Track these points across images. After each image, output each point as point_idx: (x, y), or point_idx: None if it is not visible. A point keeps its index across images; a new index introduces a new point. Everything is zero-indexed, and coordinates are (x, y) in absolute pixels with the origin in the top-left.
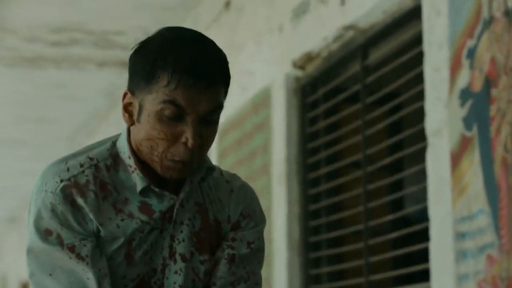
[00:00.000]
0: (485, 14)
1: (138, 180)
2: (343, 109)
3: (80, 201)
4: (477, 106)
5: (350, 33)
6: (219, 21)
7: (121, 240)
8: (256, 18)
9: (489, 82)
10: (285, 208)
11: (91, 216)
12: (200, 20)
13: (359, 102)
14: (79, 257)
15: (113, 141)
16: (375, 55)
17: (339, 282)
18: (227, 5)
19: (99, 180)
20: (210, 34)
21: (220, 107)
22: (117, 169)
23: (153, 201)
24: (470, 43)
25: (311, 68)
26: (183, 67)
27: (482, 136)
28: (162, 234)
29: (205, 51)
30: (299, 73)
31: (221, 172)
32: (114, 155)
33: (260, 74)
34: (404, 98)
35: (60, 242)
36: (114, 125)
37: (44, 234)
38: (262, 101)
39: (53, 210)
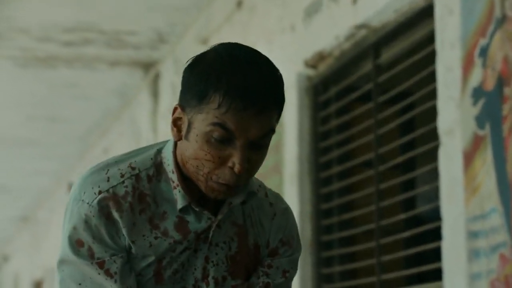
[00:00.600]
0: (497, 13)
1: (179, 197)
2: (355, 108)
3: (116, 215)
4: (490, 105)
5: (362, 32)
6: (231, 20)
7: (152, 258)
8: (268, 17)
9: (501, 81)
10: (297, 207)
11: (124, 232)
12: (212, 20)
13: (371, 101)
14: (107, 273)
15: (158, 149)
16: (387, 54)
17: (351, 281)
18: (239, 4)
19: (138, 192)
20: (222, 34)
21: (271, 131)
22: (159, 179)
23: (191, 219)
24: (482, 42)
25: (323, 67)
26: (236, 90)
27: (495, 135)
28: (195, 254)
29: (260, 73)
30: (311, 72)
31: (266, 193)
32: (157, 165)
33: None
34: (416, 97)
35: (91, 255)
36: (126, 125)
37: (76, 245)
38: None
39: (87, 222)
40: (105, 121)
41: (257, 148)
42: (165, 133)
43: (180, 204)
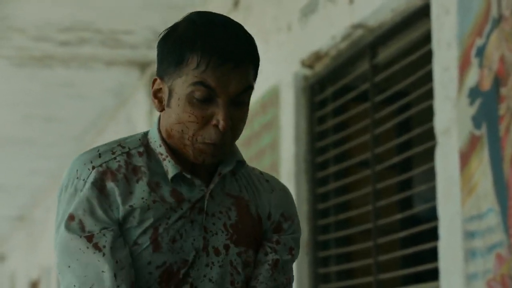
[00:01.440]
0: (494, 12)
1: (169, 167)
2: (351, 108)
3: (111, 185)
4: (486, 105)
5: (359, 32)
6: None
7: (148, 222)
8: (264, 17)
9: (498, 81)
10: None
11: (119, 200)
12: None
13: (368, 101)
14: (96, 247)
15: (145, 132)
16: (383, 54)
17: (347, 281)
18: (236, 4)
19: (131, 166)
20: None
21: (250, 87)
22: (149, 158)
23: (184, 190)
24: (479, 41)
25: (320, 67)
26: (212, 48)
27: (491, 135)
28: (192, 225)
29: (234, 33)
30: (307, 72)
31: (260, 172)
32: (145, 145)
33: (269, 73)
34: (413, 97)
35: (81, 228)
36: (123, 124)
37: (68, 219)
38: (270, 100)
39: (80, 197)
40: (101, 121)
41: (239, 105)
42: None
43: (171, 172)
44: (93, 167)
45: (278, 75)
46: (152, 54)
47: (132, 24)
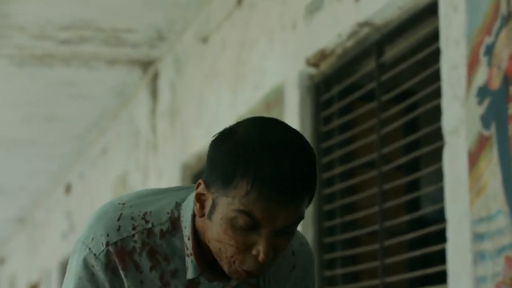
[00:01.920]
0: (503, 10)
1: (190, 267)
2: (357, 108)
3: (121, 273)
4: (495, 104)
5: (365, 30)
6: (231, 18)
7: None
8: (268, 15)
9: (507, 80)
10: None
11: None
12: (212, 17)
13: (374, 100)
14: None
15: (177, 202)
16: (390, 52)
17: (354, 283)
18: (240, 2)
19: (148, 248)
20: (223, 32)
21: (300, 219)
22: (174, 234)
23: (201, 281)
24: (488, 40)
25: (325, 65)
26: (264, 179)
27: (501, 134)
28: None
29: (291, 160)
30: (312, 70)
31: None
32: (174, 219)
33: (273, 72)
34: (420, 96)
35: None
36: (125, 124)
37: None
38: (274, 99)
39: (93, 274)
40: (103, 121)
41: (284, 234)
42: (164, 133)
43: (190, 274)
44: (107, 243)
45: (283, 74)
46: (155, 52)
47: (134, 23)
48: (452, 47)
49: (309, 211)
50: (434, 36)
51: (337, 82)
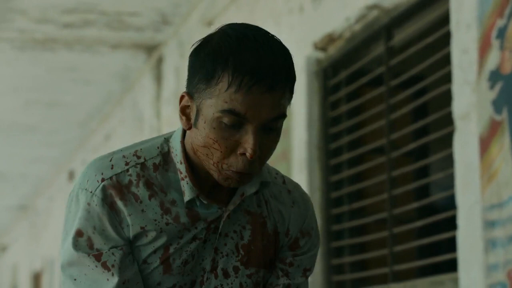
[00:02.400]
0: None
1: (187, 190)
2: (366, 93)
3: (119, 203)
4: (507, 88)
5: (374, 13)
6: (237, 1)
7: (159, 243)
8: None
9: None
10: None
11: (129, 220)
12: (218, 1)
13: (383, 85)
14: (104, 266)
15: (165, 138)
16: (400, 36)
17: (362, 272)
18: None
19: (144, 180)
20: (228, 15)
21: (283, 115)
22: (166, 168)
23: (200, 209)
24: (500, 22)
25: (333, 50)
26: (245, 66)
27: None
28: (204, 245)
29: (269, 50)
30: (320, 55)
31: (283, 180)
32: (164, 154)
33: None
34: (430, 80)
35: (90, 246)
36: (128, 110)
37: (75, 234)
38: None
39: (89, 212)
40: (107, 106)
41: (269, 131)
42: (169, 118)
43: (187, 196)
44: (102, 179)
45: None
46: (159, 37)
47: (138, 6)
48: (463, 30)
49: (317, 198)
50: (445, 19)
51: (345, 67)
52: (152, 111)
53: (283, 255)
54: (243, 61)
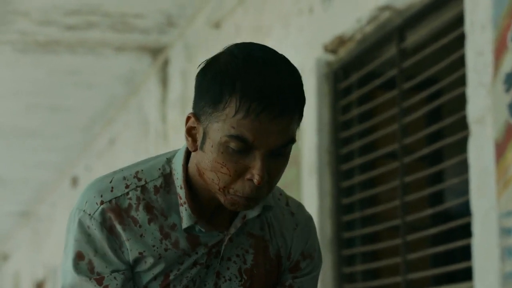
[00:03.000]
0: None
1: (185, 216)
2: (378, 96)
3: (118, 227)
4: None
5: (386, 14)
6: (245, 2)
7: (158, 269)
8: None
9: None
10: (316, 202)
11: (127, 245)
12: (225, 2)
13: (396, 88)
14: None
15: (168, 158)
16: (412, 38)
17: (374, 281)
18: None
19: (144, 203)
20: (235, 17)
21: (292, 140)
22: (167, 190)
23: (201, 233)
24: None
25: (344, 52)
26: (253, 92)
27: None
28: (206, 270)
29: (277, 72)
30: (330, 57)
31: (287, 202)
32: (166, 175)
33: (289, 59)
34: (444, 83)
35: (91, 270)
36: (133, 114)
37: (76, 257)
38: None
39: (89, 235)
40: (110, 110)
41: (277, 156)
42: (175, 122)
43: (185, 223)
44: (102, 202)
45: (299, 61)
46: (165, 39)
47: (143, 7)
48: (477, 31)
49: (327, 204)
50: (459, 20)
51: (356, 69)
52: (158, 115)
53: (283, 278)
54: (250, 85)
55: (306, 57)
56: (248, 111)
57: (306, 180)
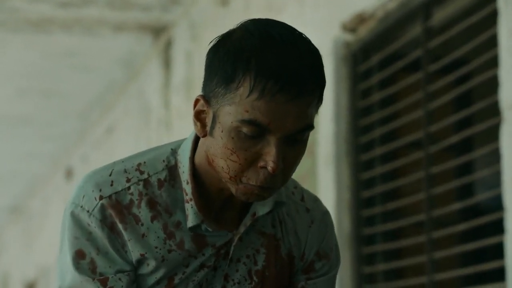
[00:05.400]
0: None
1: (191, 214)
2: (401, 79)
3: (119, 226)
4: None
5: None
6: None
7: (161, 273)
8: None
9: None
10: (334, 196)
11: (129, 245)
12: None
13: (421, 70)
14: None
15: (172, 149)
16: (439, 15)
17: (397, 281)
18: None
19: (147, 198)
20: None
21: (310, 127)
22: (172, 184)
23: (208, 232)
24: None
25: (364, 31)
26: (269, 70)
27: None
28: (215, 273)
29: (296, 51)
30: (349, 37)
31: (302, 196)
32: (171, 168)
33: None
34: (474, 65)
35: (93, 270)
36: (134, 99)
37: (76, 256)
38: None
39: (90, 233)
40: (109, 96)
41: (293, 143)
42: (179, 109)
43: (190, 222)
44: (101, 197)
45: (315, 41)
46: (167, 17)
47: None
48: (511, 8)
49: (346, 198)
50: None
51: (378, 50)
52: (160, 100)
53: (296, 280)
54: (267, 63)
55: (323, 37)
56: (264, 91)
57: (322, 172)
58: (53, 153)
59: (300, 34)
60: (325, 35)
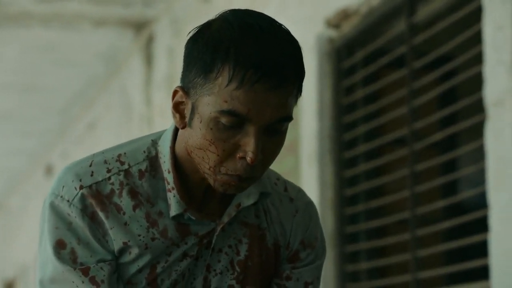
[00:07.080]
0: None
1: (173, 203)
2: (385, 76)
3: (101, 215)
4: None
5: None
6: None
7: (144, 261)
8: None
9: None
10: (317, 193)
11: (111, 233)
12: None
13: (405, 67)
14: (93, 282)
15: (153, 140)
16: (424, 11)
17: (381, 279)
18: None
19: (128, 188)
20: None
21: (289, 118)
22: (153, 174)
23: (191, 221)
24: None
25: (348, 27)
26: (248, 59)
27: None
28: (196, 262)
29: (275, 41)
30: (333, 33)
31: (285, 187)
32: (152, 158)
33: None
34: (459, 62)
35: (74, 259)
36: (115, 95)
37: (57, 245)
38: None
39: (71, 223)
40: (90, 91)
41: (272, 133)
42: (161, 105)
43: (173, 211)
44: (81, 187)
45: (298, 37)
46: (150, 12)
47: None
48: (497, 4)
49: (329, 196)
50: None
51: (362, 46)
52: (142, 97)
53: (281, 269)
54: (246, 53)
55: (306, 33)
56: (243, 81)
57: (305, 170)
58: (32, 149)
59: (280, 25)
60: (308, 31)
